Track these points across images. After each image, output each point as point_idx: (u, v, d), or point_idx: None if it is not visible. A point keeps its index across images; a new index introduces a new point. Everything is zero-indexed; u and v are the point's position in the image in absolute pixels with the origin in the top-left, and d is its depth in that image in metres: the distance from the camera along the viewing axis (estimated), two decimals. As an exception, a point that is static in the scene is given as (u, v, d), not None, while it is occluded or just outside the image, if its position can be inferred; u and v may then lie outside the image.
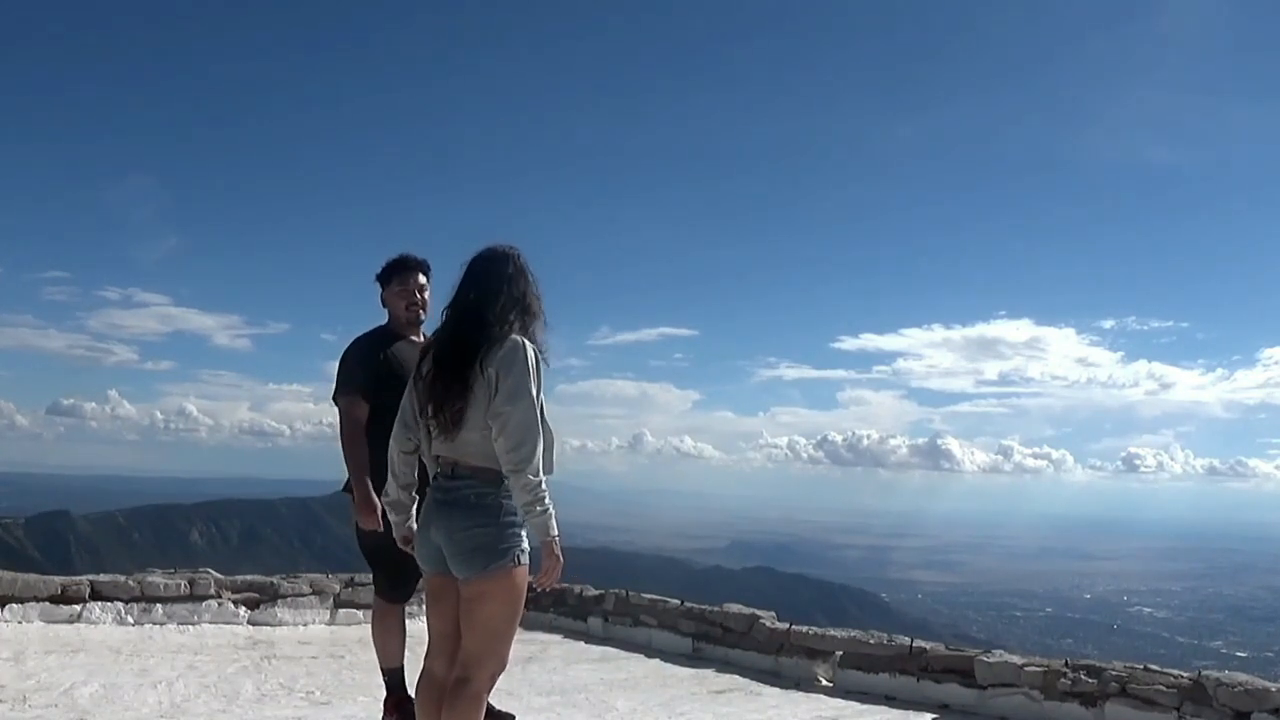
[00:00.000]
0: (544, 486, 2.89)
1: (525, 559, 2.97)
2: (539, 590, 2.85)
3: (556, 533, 2.91)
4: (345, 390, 4.18)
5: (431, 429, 3.03)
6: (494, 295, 2.99)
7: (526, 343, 2.95)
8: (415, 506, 3.19)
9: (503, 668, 3.03)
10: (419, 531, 3.10)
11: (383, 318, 4.38)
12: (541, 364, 2.98)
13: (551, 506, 2.90)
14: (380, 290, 4.33)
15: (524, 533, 2.97)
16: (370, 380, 4.13)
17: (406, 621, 4.41)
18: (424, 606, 3.21)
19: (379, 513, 4.02)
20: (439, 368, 3.01)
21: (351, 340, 4.33)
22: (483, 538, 2.91)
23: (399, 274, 4.28)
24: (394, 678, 4.29)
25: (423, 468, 3.19)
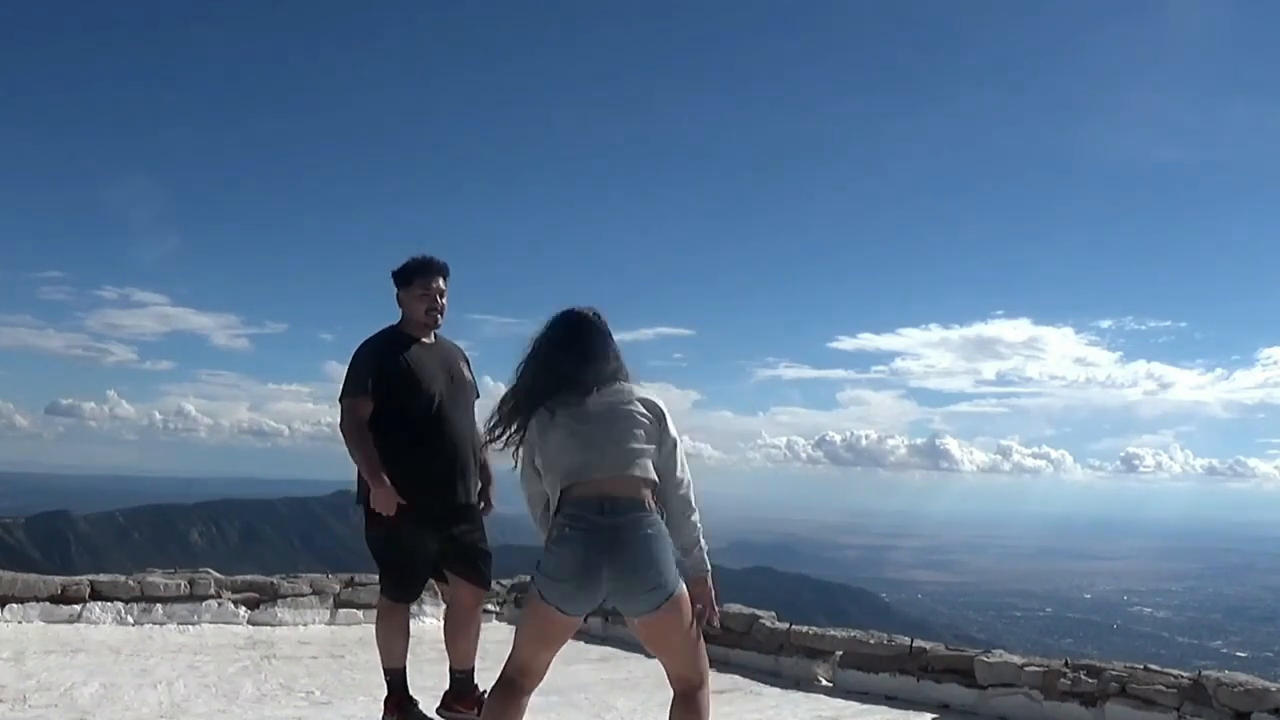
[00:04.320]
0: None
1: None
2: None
3: None
4: (350, 392, 4.15)
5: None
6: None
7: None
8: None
9: None
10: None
11: (390, 316, 4.34)
12: None
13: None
14: (396, 290, 4.26)
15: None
16: (379, 382, 4.12)
17: (410, 622, 4.42)
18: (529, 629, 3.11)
19: (394, 499, 4.01)
20: None
21: (362, 341, 4.28)
22: None
23: (421, 276, 4.21)
24: (396, 678, 4.28)
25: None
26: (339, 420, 4.16)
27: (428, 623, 6.49)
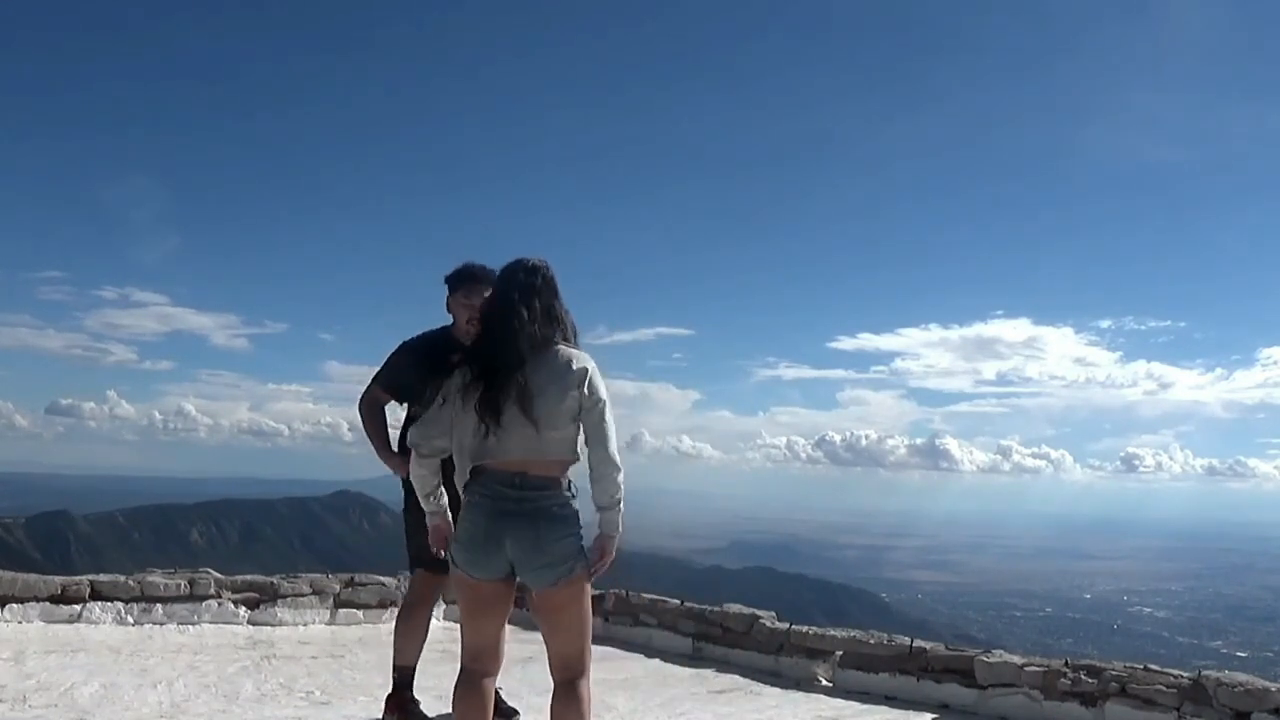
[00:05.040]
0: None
1: None
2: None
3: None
4: (376, 380, 4.30)
5: None
6: None
7: None
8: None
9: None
10: None
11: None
12: None
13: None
14: (447, 293, 4.36)
15: None
16: (410, 379, 4.17)
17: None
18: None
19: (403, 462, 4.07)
20: None
21: (410, 338, 4.38)
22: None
23: (466, 286, 4.28)
24: (404, 676, 4.29)
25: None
26: (359, 397, 4.32)
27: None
